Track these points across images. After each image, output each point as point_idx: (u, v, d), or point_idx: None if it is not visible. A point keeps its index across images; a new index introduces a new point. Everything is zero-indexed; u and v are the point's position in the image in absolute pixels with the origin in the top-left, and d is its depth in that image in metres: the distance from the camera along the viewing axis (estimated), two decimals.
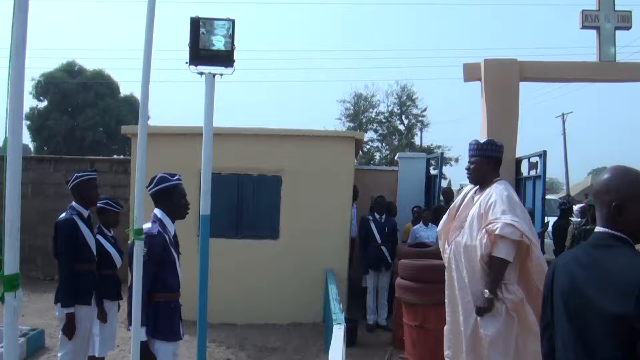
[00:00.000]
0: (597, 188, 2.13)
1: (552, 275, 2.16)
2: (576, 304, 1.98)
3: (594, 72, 10.31)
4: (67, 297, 4.76)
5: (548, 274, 2.21)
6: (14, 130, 1.92)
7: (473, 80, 10.28)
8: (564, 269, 2.10)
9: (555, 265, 2.18)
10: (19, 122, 1.93)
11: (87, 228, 5.02)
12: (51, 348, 7.09)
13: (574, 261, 2.08)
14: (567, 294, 2.03)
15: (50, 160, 12.77)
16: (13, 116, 1.91)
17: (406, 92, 36.90)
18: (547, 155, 8.81)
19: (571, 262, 2.09)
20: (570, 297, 2.01)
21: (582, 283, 1.98)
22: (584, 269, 2.01)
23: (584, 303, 1.95)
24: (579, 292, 1.98)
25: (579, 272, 2.02)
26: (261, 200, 8.97)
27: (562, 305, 2.04)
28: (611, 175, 2.09)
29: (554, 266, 2.18)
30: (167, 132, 8.74)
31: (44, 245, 11.55)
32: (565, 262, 2.14)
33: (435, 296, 5.61)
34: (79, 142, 34.65)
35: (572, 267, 2.06)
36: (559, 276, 2.11)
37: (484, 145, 4.52)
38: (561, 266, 2.13)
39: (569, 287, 2.03)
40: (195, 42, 5.71)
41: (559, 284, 2.09)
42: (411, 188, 11.12)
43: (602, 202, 2.09)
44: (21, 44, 1.93)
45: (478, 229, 4.27)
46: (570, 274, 2.04)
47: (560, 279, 2.09)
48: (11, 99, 1.91)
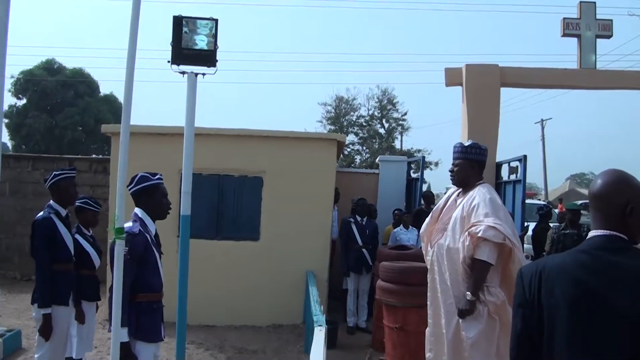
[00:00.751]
0: (602, 191, 2.07)
1: (540, 283, 2.04)
2: (593, 310, 1.91)
3: (574, 79, 10.41)
4: (44, 298, 4.69)
5: (532, 280, 2.07)
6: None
7: (454, 85, 10.34)
8: (565, 275, 1.99)
9: (544, 272, 2.06)
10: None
11: (64, 227, 4.95)
12: (28, 349, 6.99)
13: (578, 267, 1.99)
14: (577, 302, 1.94)
15: (28, 159, 12.61)
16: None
17: (387, 96, 36.94)
18: (527, 160, 8.87)
19: (574, 268, 1.99)
20: (582, 304, 1.93)
21: (601, 288, 1.91)
22: (597, 275, 1.94)
23: (604, 307, 1.89)
24: (596, 298, 1.91)
25: (591, 279, 1.94)
26: (242, 201, 8.93)
27: (568, 313, 1.94)
28: (617, 177, 2.06)
29: (542, 272, 2.06)
30: (148, 132, 8.66)
31: (21, 244, 11.42)
32: (562, 268, 2.03)
33: (416, 298, 5.62)
34: (58, 140, 34.28)
35: (579, 273, 1.97)
36: (556, 284, 2.00)
37: (469, 148, 4.53)
38: (557, 273, 2.02)
39: (580, 294, 1.94)
40: (177, 41, 5.66)
41: (559, 292, 1.98)
42: (392, 191, 11.15)
43: (610, 204, 2.04)
44: (2, 39, 1.89)
45: (461, 231, 4.28)
46: (578, 280, 1.96)
47: (561, 287, 1.98)
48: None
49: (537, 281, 2.05)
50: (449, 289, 4.36)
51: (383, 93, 36.90)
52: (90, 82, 36.63)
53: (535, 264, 2.12)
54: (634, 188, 2.04)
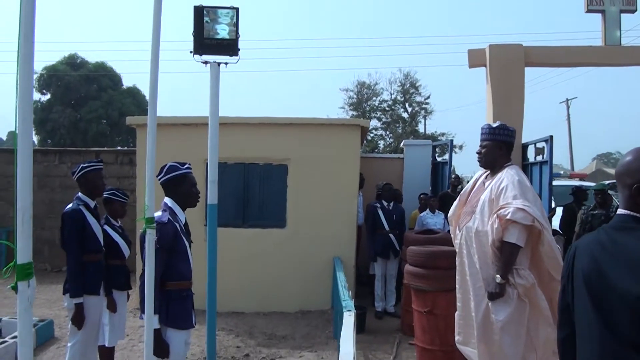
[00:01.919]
0: (618, 170, 2.09)
1: (573, 258, 2.12)
2: (599, 286, 1.94)
3: (599, 57, 10.24)
4: (75, 288, 4.75)
5: (569, 256, 2.17)
6: (24, 120, 1.89)
7: (478, 66, 10.24)
8: (585, 251, 2.06)
9: (577, 247, 2.13)
10: (29, 111, 1.91)
11: (94, 218, 5.00)
12: (60, 338, 7.11)
13: (595, 243, 2.04)
14: (588, 276, 1.99)
15: (55, 153, 12.77)
16: (23, 105, 1.88)
17: (409, 79, 36.75)
18: (553, 141, 8.76)
19: (592, 245, 2.04)
20: (592, 280, 1.97)
21: (604, 265, 1.95)
22: (605, 251, 1.97)
23: (607, 285, 1.91)
24: (601, 274, 1.94)
25: (600, 255, 1.98)
26: (268, 189, 8.96)
27: (584, 288, 2.00)
28: (632, 157, 2.05)
29: (575, 248, 2.14)
30: (173, 122, 8.71)
31: (51, 237, 11.62)
32: (586, 244, 2.09)
33: (445, 282, 5.60)
34: (83, 134, 34.66)
35: (594, 249, 2.02)
36: (580, 258, 2.07)
37: (496, 129, 4.48)
38: (582, 248, 2.09)
39: (591, 269, 1.99)
40: (199, 31, 5.68)
41: (580, 266, 2.05)
42: (417, 175, 11.11)
43: (623, 184, 2.05)
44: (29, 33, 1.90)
45: (489, 214, 4.24)
46: (592, 256, 2.00)
47: (582, 262, 2.05)
48: (21, 88, 1.88)
49: (571, 259, 2.13)
50: (478, 272, 4.33)
51: (405, 77, 36.74)
52: (112, 75, 36.93)
53: (575, 242, 2.20)
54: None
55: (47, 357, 6.43)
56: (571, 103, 40.53)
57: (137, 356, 6.50)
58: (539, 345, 4.14)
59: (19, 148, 1.87)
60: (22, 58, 1.87)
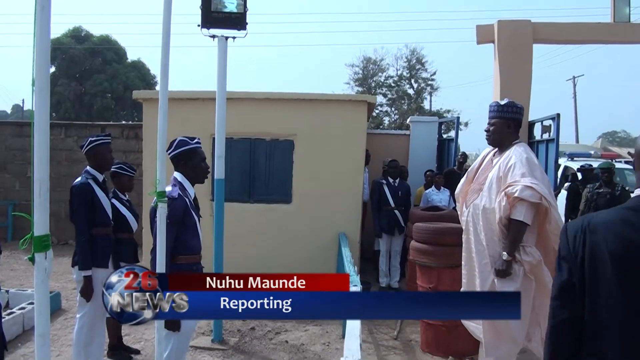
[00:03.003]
0: (637, 148, 2.07)
1: (584, 238, 2.03)
2: (636, 267, 1.90)
3: (607, 34, 10.15)
4: (84, 261, 4.80)
5: (575, 234, 2.07)
6: (41, 92, 1.90)
7: (486, 42, 10.16)
8: (608, 230, 1.99)
9: (589, 225, 2.04)
10: (45, 83, 1.92)
11: (102, 192, 5.03)
12: (67, 310, 7.21)
13: (621, 223, 1.98)
14: (621, 258, 1.93)
15: (61, 126, 12.76)
16: (39, 78, 1.89)
17: (415, 55, 36.60)
18: (560, 119, 8.73)
19: (617, 224, 1.98)
20: (625, 261, 1.92)
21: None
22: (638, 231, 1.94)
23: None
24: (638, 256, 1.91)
25: (635, 235, 1.93)
26: (274, 165, 8.96)
27: (612, 269, 1.94)
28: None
29: (586, 226, 2.05)
30: (180, 97, 8.68)
31: (57, 210, 11.64)
32: (605, 223, 2.02)
33: (451, 259, 5.64)
34: (88, 108, 34.69)
35: (621, 229, 1.96)
36: (599, 237, 2.00)
37: (504, 107, 4.47)
38: (601, 227, 2.01)
39: (623, 250, 1.93)
40: (207, 5, 5.66)
41: (602, 245, 1.98)
42: (423, 152, 11.11)
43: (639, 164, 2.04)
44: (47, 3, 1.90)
45: (497, 191, 4.25)
46: (621, 236, 1.94)
47: (604, 241, 1.97)
48: (37, 60, 1.89)
49: (581, 236, 2.04)
50: (484, 249, 4.36)
51: (412, 53, 36.58)
52: (117, 48, 36.84)
53: (580, 219, 2.10)
54: None
55: (54, 329, 6.50)
56: (577, 81, 40.36)
57: (144, 328, 6.57)
58: (543, 320, 4.18)
59: (36, 121, 1.89)
60: (38, 30, 1.88)
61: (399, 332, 6.70)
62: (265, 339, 6.50)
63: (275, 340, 6.45)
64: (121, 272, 2.47)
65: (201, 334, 6.46)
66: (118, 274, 2.47)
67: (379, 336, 6.65)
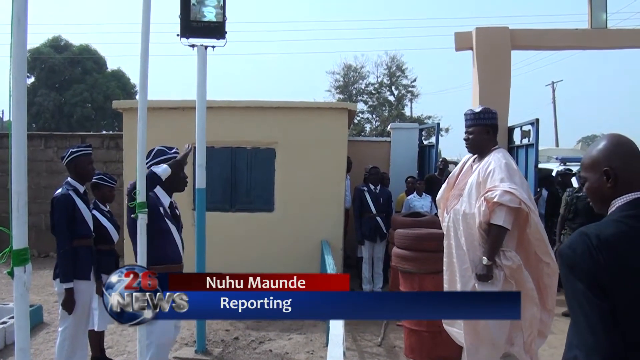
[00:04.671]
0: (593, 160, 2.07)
1: (596, 253, 1.85)
2: None
3: (585, 40, 10.30)
4: (66, 273, 4.77)
5: (582, 251, 1.88)
6: (18, 104, 1.90)
7: (464, 49, 10.27)
8: (627, 245, 1.87)
9: (601, 244, 1.87)
10: (23, 95, 1.92)
11: (83, 203, 5.01)
12: (49, 323, 7.13)
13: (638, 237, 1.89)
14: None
15: (41, 137, 12.66)
16: (17, 89, 1.89)
17: (396, 62, 36.79)
18: (539, 124, 8.83)
19: (635, 239, 1.88)
20: None
21: None
22: None
23: None
24: None
25: None
26: (255, 173, 8.96)
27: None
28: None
29: (597, 246, 1.86)
30: (160, 106, 8.65)
31: (38, 222, 11.54)
32: (622, 239, 1.88)
33: (432, 265, 5.67)
34: (68, 118, 34.45)
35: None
36: (616, 253, 1.85)
37: (480, 114, 4.51)
38: (616, 242, 1.87)
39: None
40: (186, 14, 5.67)
41: (624, 263, 1.84)
42: (404, 158, 11.16)
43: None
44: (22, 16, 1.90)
45: (477, 197, 4.29)
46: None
47: (626, 257, 1.85)
48: (14, 72, 1.89)
49: (590, 251, 1.88)
50: (465, 254, 4.39)
51: (392, 59, 36.73)
52: (97, 58, 36.65)
53: (577, 240, 1.93)
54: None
55: (36, 342, 6.45)
56: (557, 86, 40.72)
57: (126, 340, 6.54)
58: (525, 325, 4.22)
59: (14, 133, 1.89)
60: (15, 41, 1.88)
61: (383, 338, 6.71)
62: (249, 348, 6.48)
63: (259, 350, 6.43)
64: (121, 272, 2.47)
65: (184, 344, 6.43)
66: (118, 273, 2.47)
67: (363, 343, 6.66)
